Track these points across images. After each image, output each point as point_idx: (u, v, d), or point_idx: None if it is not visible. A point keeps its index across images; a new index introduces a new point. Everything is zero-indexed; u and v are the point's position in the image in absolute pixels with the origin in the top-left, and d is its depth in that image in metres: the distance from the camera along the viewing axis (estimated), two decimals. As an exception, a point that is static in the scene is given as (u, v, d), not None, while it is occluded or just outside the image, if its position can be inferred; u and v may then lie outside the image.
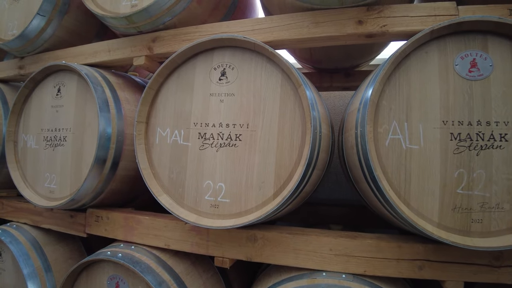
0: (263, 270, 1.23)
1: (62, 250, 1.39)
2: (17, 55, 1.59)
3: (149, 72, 2.02)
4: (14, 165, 1.32)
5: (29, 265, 1.28)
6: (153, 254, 1.10)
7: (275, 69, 0.92)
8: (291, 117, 0.90)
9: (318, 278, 0.95)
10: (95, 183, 1.16)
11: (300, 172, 0.86)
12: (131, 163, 1.21)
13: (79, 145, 1.19)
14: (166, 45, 1.18)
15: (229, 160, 0.95)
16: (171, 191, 1.01)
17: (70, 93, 1.24)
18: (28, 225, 1.40)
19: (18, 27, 1.50)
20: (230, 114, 0.95)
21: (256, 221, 0.90)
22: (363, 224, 1.59)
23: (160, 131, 1.03)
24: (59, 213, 1.31)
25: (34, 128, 1.31)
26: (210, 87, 0.99)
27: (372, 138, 0.81)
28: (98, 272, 1.12)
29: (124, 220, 1.16)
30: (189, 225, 1.07)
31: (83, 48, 1.39)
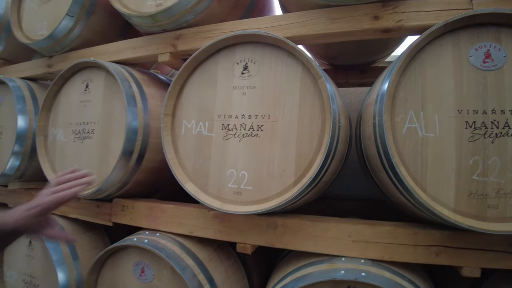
0: (281, 259, 1.29)
1: (88, 240, 1.48)
2: (45, 54, 1.70)
3: (169, 71, 2.11)
4: (44, 157, 1.41)
5: (58, 253, 1.37)
6: (177, 241, 1.17)
7: (295, 62, 0.99)
8: (311, 108, 0.96)
9: (337, 263, 1.00)
10: (121, 174, 1.25)
11: (320, 160, 0.92)
12: (156, 155, 1.29)
13: (106, 138, 1.28)
14: (189, 42, 1.26)
15: (251, 150, 1.01)
16: (196, 179, 1.08)
17: (97, 89, 1.33)
18: (56, 215, 1.50)
19: (48, 27, 1.60)
20: (252, 106, 1.02)
21: (277, 207, 0.96)
22: (379, 218, 1.63)
23: (186, 123, 1.11)
24: (85, 203, 1.40)
25: (63, 122, 1.41)
26: (232, 81, 1.06)
27: (390, 126, 0.87)
28: (124, 258, 1.20)
29: (149, 209, 1.24)
30: (212, 213, 1.14)
31: (108, 47, 1.48)
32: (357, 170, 1.83)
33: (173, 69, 2.17)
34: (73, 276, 1.38)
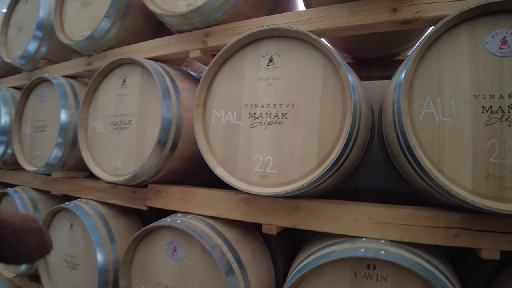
0: (305, 243, 1.37)
1: (123, 224, 1.62)
2: (85, 54, 1.86)
3: (198, 68, 2.25)
4: (85, 147, 1.57)
5: (96, 234, 1.51)
6: (207, 223, 1.28)
7: (317, 53, 1.07)
8: (333, 96, 1.04)
9: (358, 243, 1.07)
10: (156, 161, 1.37)
11: (341, 144, 1.00)
12: (188, 144, 1.41)
13: (142, 128, 1.41)
14: (218, 39, 1.37)
15: (276, 136, 1.10)
16: (225, 164, 1.18)
17: (134, 83, 1.47)
18: (94, 200, 1.65)
19: (87, 29, 1.77)
20: (277, 96, 1.11)
21: (300, 188, 1.04)
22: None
23: (215, 113, 1.22)
24: (122, 189, 1.54)
25: (102, 114, 1.55)
26: (258, 73, 1.16)
27: (407, 112, 0.94)
28: (158, 239, 1.32)
29: (181, 193, 1.36)
30: (239, 196, 1.23)
31: (143, 45, 1.62)
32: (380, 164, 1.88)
33: (202, 66, 2.31)
34: (110, 257, 1.52)
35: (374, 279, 1.01)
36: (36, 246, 1.03)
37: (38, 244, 1.03)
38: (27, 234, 1.00)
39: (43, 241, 1.04)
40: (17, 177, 2.23)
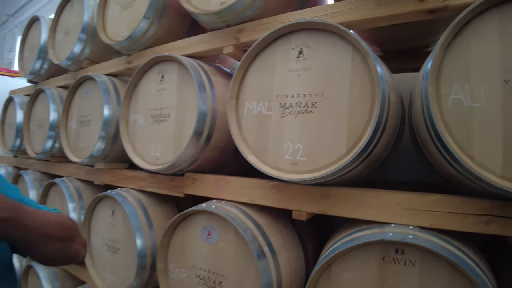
0: (333, 233, 1.41)
1: (161, 211, 1.74)
2: (125, 53, 2.02)
3: (230, 65, 2.35)
4: (127, 139, 1.70)
5: (136, 221, 1.64)
6: (240, 209, 1.36)
7: (346, 44, 1.12)
8: (361, 85, 1.09)
9: (387, 228, 1.11)
10: (193, 151, 1.47)
11: (370, 130, 1.04)
12: (222, 135, 1.51)
13: (180, 120, 1.52)
14: (250, 34, 1.45)
15: (306, 125, 1.17)
16: (257, 152, 1.26)
17: (172, 79, 1.58)
18: (134, 189, 1.78)
19: (127, 29, 1.91)
20: (307, 86, 1.18)
21: (330, 174, 1.10)
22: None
23: (248, 104, 1.30)
24: (161, 178, 1.65)
25: (142, 108, 1.68)
26: (289, 65, 1.23)
27: (435, 98, 0.97)
28: (194, 223, 1.42)
29: (216, 181, 1.45)
30: (271, 184, 1.31)
31: (179, 43, 1.74)
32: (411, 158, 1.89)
33: (234, 63, 2.41)
34: (149, 242, 1.64)
35: (402, 264, 1.04)
36: (58, 255, 1.05)
37: (60, 254, 1.05)
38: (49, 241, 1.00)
39: (66, 252, 1.06)
40: (64, 169, 2.43)
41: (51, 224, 1.01)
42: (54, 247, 1.02)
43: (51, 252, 1.02)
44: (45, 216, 1.00)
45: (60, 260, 1.10)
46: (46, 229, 0.98)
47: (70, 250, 1.08)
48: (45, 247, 1.00)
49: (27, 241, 0.94)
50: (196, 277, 1.40)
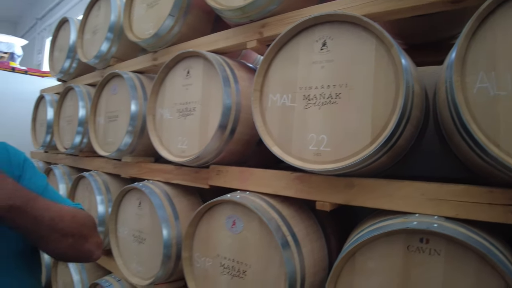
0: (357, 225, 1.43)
1: (186, 203, 1.80)
2: (150, 50, 2.09)
3: (253, 61, 2.40)
4: (154, 132, 1.78)
5: (162, 211, 1.70)
6: (264, 199, 1.40)
7: (369, 35, 1.14)
8: (385, 76, 1.11)
9: (411, 217, 1.12)
10: (217, 143, 1.52)
11: (395, 120, 1.06)
12: (246, 128, 1.55)
13: (205, 114, 1.57)
14: (273, 28, 1.49)
15: (330, 116, 1.19)
16: (281, 144, 1.30)
17: (197, 74, 1.64)
18: (160, 181, 1.86)
19: (153, 27, 1.98)
20: (331, 77, 1.20)
21: (354, 164, 1.12)
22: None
23: (271, 97, 1.34)
24: (186, 170, 1.72)
25: (168, 103, 1.75)
26: (312, 57, 1.26)
27: (460, 87, 0.98)
28: (219, 213, 1.46)
29: (240, 172, 1.50)
30: (294, 175, 1.34)
31: (203, 39, 1.80)
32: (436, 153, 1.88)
33: (257, 59, 2.45)
34: (174, 232, 1.70)
35: (427, 253, 1.04)
36: (69, 251, 1.04)
37: (71, 250, 1.04)
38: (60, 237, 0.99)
39: (78, 249, 1.05)
40: (92, 163, 2.55)
41: (64, 219, 0.99)
42: (65, 243, 1.01)
43: (61, 247, 1.01)
44: (60, 210, 0.99)
45: (71, 257, 1.10)
46: (57, 223, 0.97)
47: (82, 248, 1.06)
48: (56, 242, 0.99)
49: (36, 234, 0.93)
50: (220, 266, 1.45)
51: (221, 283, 1.45)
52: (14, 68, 4.57)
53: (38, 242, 0.99)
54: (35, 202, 0.91)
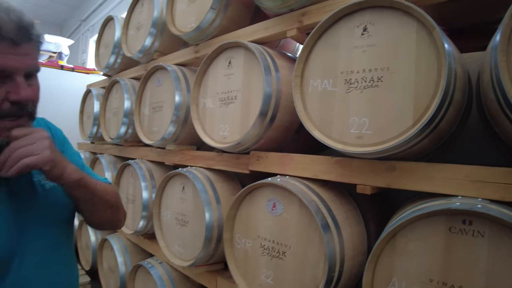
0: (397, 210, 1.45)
1: (227, 187, 1.89)
2: (192, 43, 2.20)
3: (292, 50, 2.45)
4: (197, 121, 1.88)
5: (205, 195, 1.80)
6: (304, 183, 1.45)
7: (410, 19, 1.16)
8: (426, 58, 1.13)
9: (453, 199, 1.13)
10: (258, 130, 1.59)
11: (437, 102, 1.08)
12: (285, 115, 1.61)
13: (246, 102, 1.65)
14: (313, 16, 1.53)
15: (372, 99, 1.22)
16: (321, 128, 1.35)
17: (238, 64, 1.72)
18: (203, 168, 1.96)
19: (195, 21, 2.09)
20: (372, 61, 1.23)
21: (396, 146, 1.14)
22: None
23: (312, 82, 1.39)
24: (227, 156, 1.80)
25: (211, 93, 1.85)
26: (353, 42, 1.29)
27: (505, 66, 0.97)
28: (259, 196, 1.53)
29: (279, 158, 1.56)
30: (334, 159, 1.38)
31: (243, 31, 1.87)
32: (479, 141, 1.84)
33: (295, 49, 2.50)
34: (216, 215, 1.80)
35: (470, 235, 1.04)
36: (109, 220, 1.17)
37: (110, 219, 1.17)
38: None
39: (114, 218, 1.19)
40: (136, 152, 2.71)
41: (108, 192, 1.12)
42: (108, 213, 1.13)
43: (105, 216, 1.13)
44: (104, 184, 1.12)
45: (108, 225, 1.24)
46: (105, 196, 1.08)
47: (116, 218, 1.20)
48: (103, 212, 1.11)
49: (90, 203, 1.04)
50: (260, 247, 1.52)
51: (261, 264, 1.52)
52: (63, 66, 4.92)
53: (89, 211, 1.10)
54: (90, 177, 1.01)
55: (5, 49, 0.78)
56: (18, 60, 0.80)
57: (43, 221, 0.98)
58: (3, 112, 0.81)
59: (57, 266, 1.03)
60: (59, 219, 1.05)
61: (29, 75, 0.86)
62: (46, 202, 0.99)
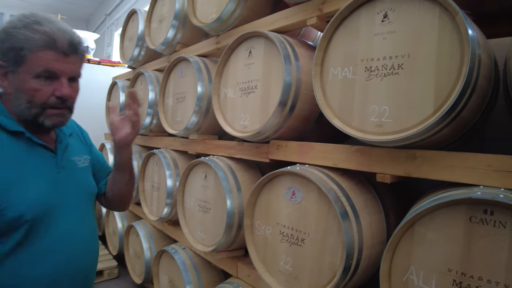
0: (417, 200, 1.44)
1: (248, 176, 1.93)
2: (213, 34, 2.23)
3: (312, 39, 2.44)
4: (218, 110, 1.92)
5: (226, 183, 1.84)
6: (323, 172, 1.46)
7: (431, 4, 1.13)
8: (449, 44, 1.10)
9: (475, 189, 1.11)
10: (277, 119, 1.61)
11: (458, 89, 1.06)
12: (305, 104, 1.62)
13: (266, 91, 1.67)
14: (333, 4, 1.52)
15: (392, 87, 1.21)
16: (341, 116, 1.35)
17: (258, 53, 1.73)
18: (224, 156, 2.00)
19: (216, 12, 2.11)
20: (393, 48, 1.22)
21: (416, 134, 1.13)
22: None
23: (332, 70, 1.39)
24: (248, 145, 1.84)
25: (232, 83, 1.88)
26: (373, 29, 1.28)
27: (534, 51, 0.95)
28: (279, 184, 1.56)
29: (299, 146, 1.58)
30: (354, 148, 1.39)
31: (263, 20, 1.88)
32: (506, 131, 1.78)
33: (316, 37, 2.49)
34: (237, 203, 1.84)
35: (491, 225, 1.02)
36: (131, 192, 1.44)
37: (132, 192, 1.45)
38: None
39: (132, 192, 1.46)
40: (161, 141, 2.79)
41: (133, 176, 1.41)
42: (132, 188, 1.43)
43: (131, 190, 1.42)
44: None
45: (128, 198, 1.46)
46: (133, 170, 1.41)
47: (130, 196, 1.46)
48: (131, 185, 1.40)
49: (128, 171, 1.34)
50: (280, 234, 1.55)
51: (280, 250, 1.55)
52: (89, 60, 5.07)
53: (124, 180, 1.36)
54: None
55: (58, 57, 1.04)
56: (65, 66, 1.06)
57: (75, 190, 1.21)
58: (50, 103, 1.07)
59: (86, 230, 1.25)
60: (86, 192, 1.28)
61: (71, 79, 1.11)
62: (78, 176, 1.25)
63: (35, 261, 1.06)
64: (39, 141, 1.13)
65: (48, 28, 1.02)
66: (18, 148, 1.08)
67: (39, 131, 1.13)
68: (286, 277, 1.52)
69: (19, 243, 1.04)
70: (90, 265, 1.27)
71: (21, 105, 1.06)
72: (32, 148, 1.11)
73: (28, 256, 1.05)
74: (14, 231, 1.03)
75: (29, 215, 1.03)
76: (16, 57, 1.02)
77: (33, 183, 1.07)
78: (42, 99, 1.05)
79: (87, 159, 1.33)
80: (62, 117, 1.11)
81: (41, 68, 1.03)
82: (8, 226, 1.02)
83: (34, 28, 1.01)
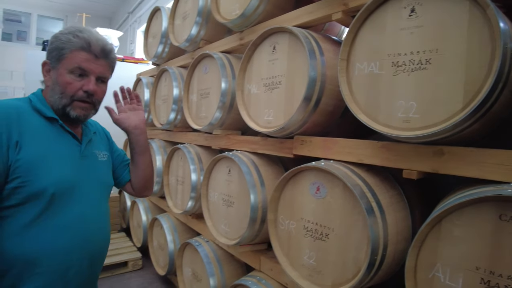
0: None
1: (271, 171, 1.95)
2: (237, 30, 2.26)
3: (336, 33, 2.43)
4: (242, 106, 1.95)
5: (250, 178, 1.87)
6: (348, 167, 1.47)
7: (461, -2, 1.12)
8: (479, 38, 1.08)
9: (505, 186, 1.09)
10: (302, 115, 1.63)
11: (489, 83, 1.04)
12: (330, 99, 1.63)
13: (290, 87, 1.68)
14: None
15: (419, 82, 1.21)
16: (367, 111, 1.35)
17: (283, 49, 1.75)
18: (247, 151, 2.04)
19: (239, 8, 2.13)
20: (420, 43, 1.21)
21: (444, 129, 1.12)
22: None
23: (358, 65, 1.39)
24: (272, 141, 1.86)
25: (255, 78, 1.90)
26: (400, 23, 1.27)
27: None
28: (303, 179, 1.57)
29: (323, 142, 1.59)
30: (380, 143, 1.39)
31: (287, 16, 1.89)
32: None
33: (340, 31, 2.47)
34: (260, 197, 1.87)
35: None
36: (152, 179, 1.64)
37: (152, 177, 1.64)
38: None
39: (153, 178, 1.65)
40: (185, 137, 2.86)
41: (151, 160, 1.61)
42: (152, 171, 1.62)
43: (152, 170, 1.62)
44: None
45: (150, 182, 1.63)
46: (151, 154, 1.60)
47: (152, 181, 1.64)
48: (150, 168, 1.59)
49: (146, 153, 1.55)
50: (304, 228, 1.57)
51: (304, 245, 1.57)
52: (114, 56, 5.20)
53: (146, 162, 1.57)
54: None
55: (89, 58, 1.25)
56: (94, 67, 1.26)
57: (93, 177, 1.36)
58: (78, 96, 1.26)
59: (100, 215, 1.39)
60: (102, 181, 1.43)
61: (100, 80, 1.30)
62: (97, 167, 1.41)
63: (52, 234, 1.20)
64: (68, 129, 1.30)
65: (86, 35, 1.24)
66: (51, 132, 1.25)
67: (69, 122, 1.30)
68: (310, 271, 1.54)
69: (39, 215, 1.17)
70: (101, 245, 1.40)
71: (55, 95, 1.25)
72: (62, 135, 1.28)
73: (46, 228, 1.19)
74: (36, 202, 1.16)
75: (51, 189, 1.17)
76: (58, 55, 1.23)
77: (59, 163, 1.23)
78: (72, 91, 1.24)
79: (106, 155, 1.49)
80: (86, 110, 1.29)
81: (75, 64, 1.23)
82: (32, 197, 1.15)
83: (76, 34, 1.23)
